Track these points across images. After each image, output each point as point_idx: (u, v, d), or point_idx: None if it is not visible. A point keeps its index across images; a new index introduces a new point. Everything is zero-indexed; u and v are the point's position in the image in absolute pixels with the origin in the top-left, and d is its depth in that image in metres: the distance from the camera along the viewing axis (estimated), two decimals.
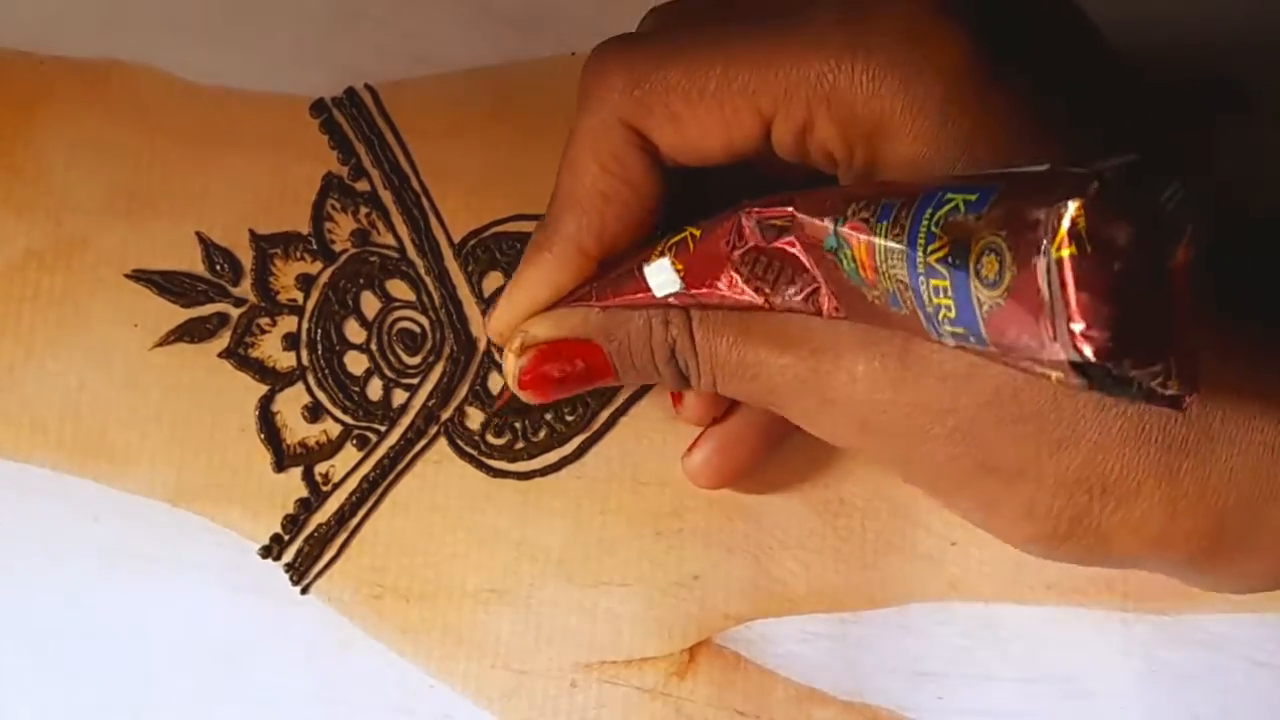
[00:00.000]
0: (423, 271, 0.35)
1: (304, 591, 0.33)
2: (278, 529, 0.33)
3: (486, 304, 0.34)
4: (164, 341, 0.34)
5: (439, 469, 0.34)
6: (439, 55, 0.35)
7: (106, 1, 0.36)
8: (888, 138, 0.25)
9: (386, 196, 0.35)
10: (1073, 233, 0.18)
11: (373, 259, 0.35)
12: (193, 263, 0.35)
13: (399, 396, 0.34)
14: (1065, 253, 0.18)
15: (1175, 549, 0.26)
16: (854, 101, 0.25)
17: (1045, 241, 0.18)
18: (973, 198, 0.20)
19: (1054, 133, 0.25)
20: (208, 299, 0.34)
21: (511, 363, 0.29)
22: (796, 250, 0.25)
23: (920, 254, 0.21)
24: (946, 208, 0.20)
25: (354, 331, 0.34)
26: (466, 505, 0.34)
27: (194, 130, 0.36)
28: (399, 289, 0.35)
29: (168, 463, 0.34)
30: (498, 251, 0.35)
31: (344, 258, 0.35)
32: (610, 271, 0.29)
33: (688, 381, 0.29)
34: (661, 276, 0.27)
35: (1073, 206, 0.18)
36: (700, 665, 0.34)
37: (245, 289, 0.34)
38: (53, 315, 0.34)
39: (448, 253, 0.35)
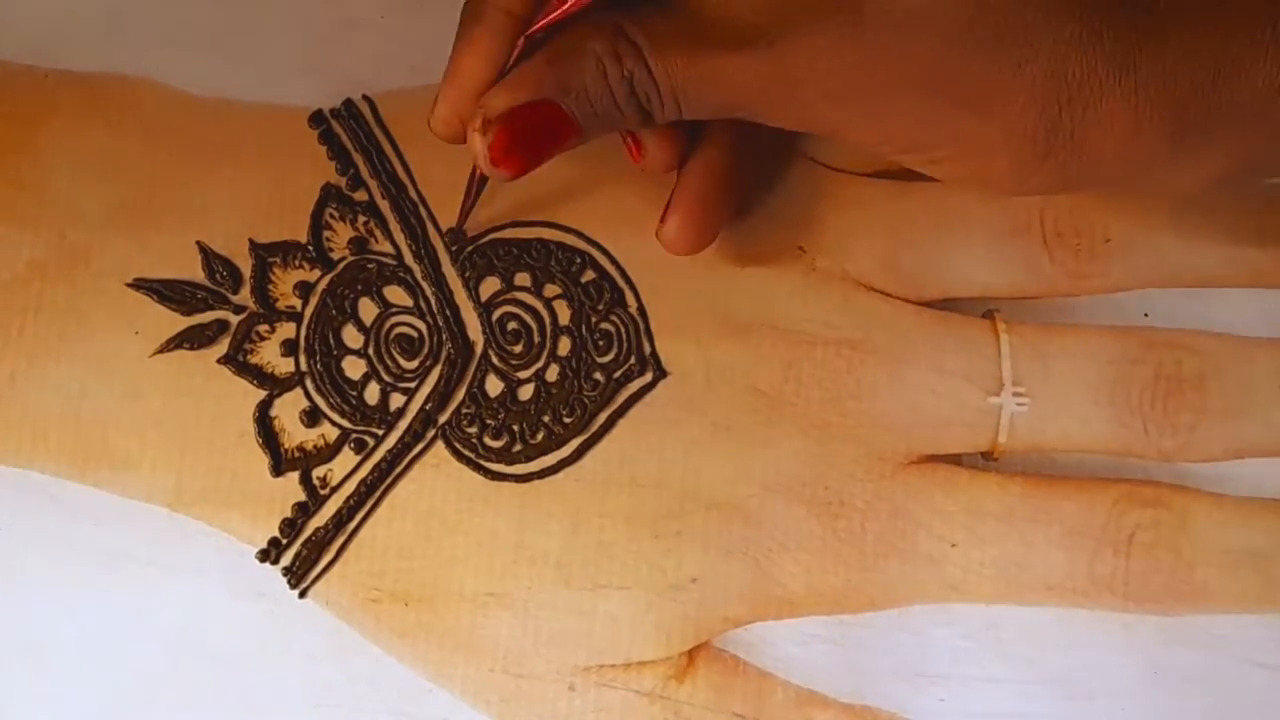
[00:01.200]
0: (420, 278, 0.35)
1: (302, 595, 0.33)
2: (276, 533, 0.33)
3: (484, 309, 0.34)
4: (164, 348, 0.34)
5: (437, 472, 0.34)
6: (437, 64, 0.36)
7: (108, 15, 0.37)
8: None
9: (384, 205, 0.35)
10: None
11: (370, 266, 0.35)
12: (193, 271, 0.35)
13: (396, 400, 0.34)
14: None
15: (1143, 142, 0.27)
16: None
17: None
18: None
19: None
20: (207, 306, 0.34)
21: (478, 143, 0.29)
22: None
23: None
24: None
25: (352, 337, 0.34)
26: (464, 508, 0.34)
27: (195, 142, 0.36)
28: (396, 295, 0.35)
29: (167, 468, 0.34)
30: (494, 257, 0.35)
31: (342, 265, 0.35)
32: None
33: (652, 118, 0.29)
34: None
35: None
36: (699, 668, 0.34)
37: (244, 296, 0.35)
38: (55, 325, 0.34)
39: (445, 259, 0.35)
